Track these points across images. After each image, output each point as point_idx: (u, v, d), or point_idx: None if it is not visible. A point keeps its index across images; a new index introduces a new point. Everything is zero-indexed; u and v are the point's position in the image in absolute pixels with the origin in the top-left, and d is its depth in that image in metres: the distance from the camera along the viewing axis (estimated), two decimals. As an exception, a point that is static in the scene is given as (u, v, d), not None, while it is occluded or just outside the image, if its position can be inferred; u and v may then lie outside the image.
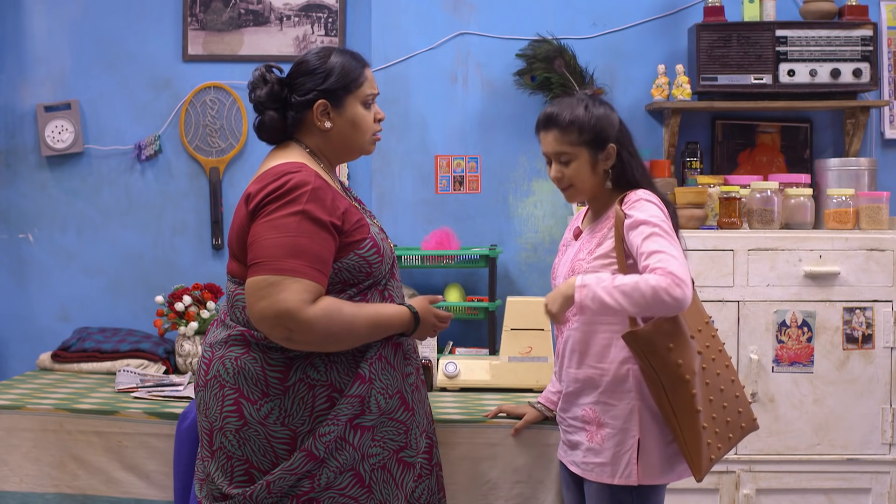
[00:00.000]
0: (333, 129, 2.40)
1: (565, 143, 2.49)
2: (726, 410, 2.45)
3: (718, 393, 2.44)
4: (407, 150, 4.01)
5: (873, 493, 3.49)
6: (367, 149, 2.47)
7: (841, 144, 3.98)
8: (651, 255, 2.30)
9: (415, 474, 2.42)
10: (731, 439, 2.47)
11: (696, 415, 2.37)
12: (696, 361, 2.39)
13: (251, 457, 2.28)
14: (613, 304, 2.28)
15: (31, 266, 4.13)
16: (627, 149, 2.52)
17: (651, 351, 2.35)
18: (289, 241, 2.20)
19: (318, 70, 2.37)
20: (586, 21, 3.99)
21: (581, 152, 2.49)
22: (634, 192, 2.46)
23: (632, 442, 2.44)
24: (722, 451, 2.44)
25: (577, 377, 2.52)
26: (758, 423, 2.55)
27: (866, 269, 3.47)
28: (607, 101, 2.57)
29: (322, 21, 4.07)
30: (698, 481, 2.40)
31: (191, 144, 4.07)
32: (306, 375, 2.28)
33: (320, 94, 2.36)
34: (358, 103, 2.40)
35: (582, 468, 2.52)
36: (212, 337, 2.40)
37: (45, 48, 4.11)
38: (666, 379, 2.36)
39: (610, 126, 2.50)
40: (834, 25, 3.77)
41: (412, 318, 2.39)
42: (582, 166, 2.50)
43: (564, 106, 2.51)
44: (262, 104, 2.39)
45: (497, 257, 3.76)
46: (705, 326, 2.50)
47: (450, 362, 3.36)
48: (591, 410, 2.49)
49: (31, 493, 2.98)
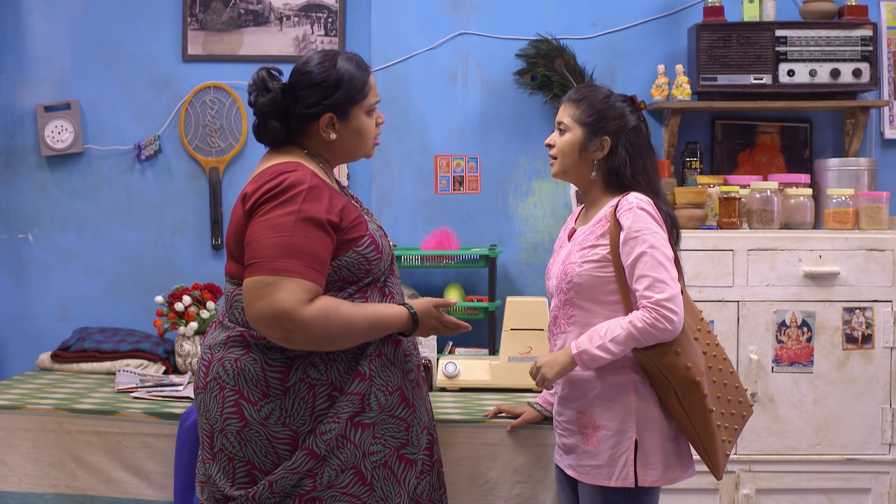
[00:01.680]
0: (338, 140, 2.39)
1: (568, 115, 2.57)
2: (730, 404, 2.48)
3: (723, 388, 2.48)
4: (407, 150, 4.01)
5: (873, 493, 3.49)
6: (369, 154, 2.48)
7: (840, 144, 3.98)
8: (639, 280, 2.38)
9: (417, 471, 2.42)
10: (737, 430, 2.51)
11: (709, 415, 2.40)
12: (702, 362, 2.42)
13: (253, 458, 2.28)
14: (611, 357, 2.41)
15: (31, 266, 4.12)
16: (628, 149, 2.52)
17: (660, 360, 2.38)
18: (285, 241, 2.19)
19: (324, 83, 2.33)
20: (586, 21, 3.99)
21: (577, 129, 2.54)
22: (627, 199, 2.46)
23: (628, 444, 2.44)
24: (732, 444, 2.50)
25: (570, 380, 2.53)
26: (753, 409, 2.59)
27: (866, 269, 3.47)
28: (643, 113, 2.61)
29: (322, 21, 4.07)
30: (718, 479, 2.52)
31: (190, 144, 4.07)
32: (307, 375, 2.27)
33: (326, 107, 2.34)
34: (363, 113, 2.39)
35: (578, 471, 2.52)
36: (211, 339, 2.39)
37: (44, 48, 4.11)
38: (678, 384, 2.39)
39: (615, 119, 2.53)
40: (834, 25, 3.76)
41: (410, 319, 2.38)
42: (572, 143, 2.55)
43: (591, 88, 2.60)
44: (265, 113, 2.35)
45: (497, 257, 3.76)
46: (701, 324, 2.52)
47: (449, 362, 3.36)
48: (587, 413, 2.50)
49: (30, 494, 2.98)
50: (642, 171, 2.53)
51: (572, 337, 2.50)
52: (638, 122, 2.56)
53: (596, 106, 2.54)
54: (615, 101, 2.56)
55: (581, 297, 2.48)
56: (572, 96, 2.59)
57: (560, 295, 2.54)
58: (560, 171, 2.60)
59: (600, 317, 2.46)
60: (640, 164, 2.53)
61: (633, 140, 2.53)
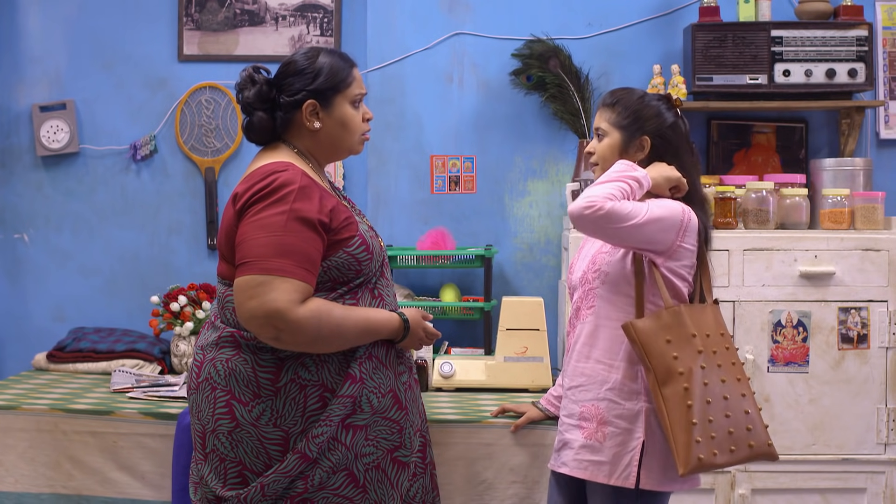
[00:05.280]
0: (322, 130, 2.40)
1: (604, 120, 2.55)
2: (729, 420, 2.36)
3: (720, 400, 2.37)
4: (402, 151, 4.01)
5: (868, 493, 3.49)
6: (355, 149, 2.47)
7: (836, 144, 3.98)
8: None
9: (409, 473, 2.42)
10: (734, 452, 2.36)
11: (686, 409, 2.32)
12: (695, 360, 2.36)
13: (244, 458, 2.28)
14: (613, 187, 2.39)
15: (27, 266, 4.12)
16: (668, 150, 2.51)
17: (648, 341, 2.35)
18: (276, 241, 2.19)
19: (306, 70, 2.37)
20: (582, 21, 3.99)
21: (615, 133, 2.53)
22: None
23: (635, 444, 2.42)
24: (719, 458, 2.34)
25: (583, 371, 2.50)
26: (775, 452, 2.43)
27: (862, 269, 3.47)
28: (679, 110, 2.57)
29: (317, 21, 4.06)
30: (681, 475, 2.32)
31: (186, 144, 4.07)
32: (297, 376, 2.27)
33: (309, 94, 2.37)
34: (346, 103, 2.41)
35: (572, 466, 2.48)
36: (202, 339, 2.40)
37: (40, 48, 4.10)
38: (659, 369, 2.35)
39: (652, 118, 2.51)
40: (829, 26, 3.77)
41: (402, 325, 2.38)
42: (612, 147, 2.53)
43: (625, 91, 2.58)
44: (251, 105, 2.39)
45: (492, 257, 3.76)
46: (719, 337, 2.44)
47: (445, 362, 3.37)
48: (594, 407, 2.47)
49: (26, 494, 2.98)
50: (682, 171, 2.50)
51: (589, 327, 2.49)
52: (675, 119, 2.54)
53: (631, 107, 2.52)
54: (650, 100, 2.54)
55: (605, 288, 2.47)
56: (606, 100, 2.57)
57: (584, 286, 2.53)
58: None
59: (618, 309, 2.45)
60: (679, 163, 2.51)
61: (672, 138, 2.52)
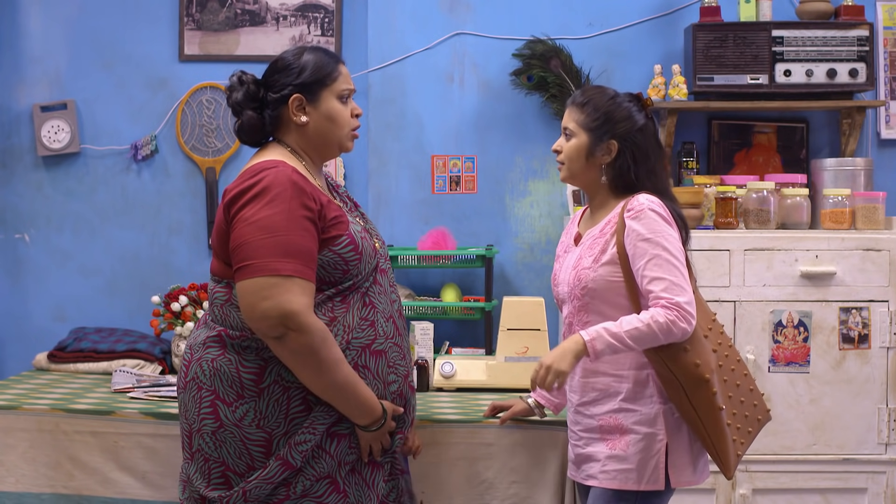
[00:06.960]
0: (310, 124, 2.40)
1: (573, 120, 2.52)
2: (744, 405, 2.45)
3: (735, 388, 2.45)
4: (403, 151, 4.00)
5: (869, 493, 3.49)
6: (345, 145, 2.47)
7: (837, 144, 3.98)
8: (654, 282, 2.34)
9: (384, 474, 2.42)
10: (751, 433, 2.48)
11: (719, 413, 2.37)
12: (712, 360, 2.39)
13: (227, 459, 2.29)
14: (624, 349, 2.35)
15: (28, 266, 4.12)
16: (636, 154, 2.48)
17: (668, 355, 2.36)
18: (280, 241, 2.19)
19: (292, 66, 2.39)
20: (582, 21, 3.99)
21: (582, 135, 2.50)
22: (638, 199, 2.43)
23: (659, 446, 2.42)
24: (745, 445, 2.46)
25: (594, 386, 2.49)
26: (771, 414, 2.56)
27: (862, 269, 3.47)
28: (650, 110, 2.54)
29: (318, 21, 4.06)
30: (728, 479, 2.48)
31: (187, 144, 4.07)
32: (281, 377, 2.27)
33: (295, 88, 2.38)
34: (333, 97, 2.41)
35: (601, 478, 2.46)
36: (192, 338, 2.41)
37: (41, 48, 4.10)
38: (685, 381, 2.35)
39: (622, 121, 2.47)
40: (830, 26, 3.76)
41: (381, 416, 2.33)
42: (579, 148, 2.50)
43: (596, 90, 2.54)
44: (240, 105, 2.41)
45: (493, 257, 3.76)
46: (713, 324, 2.50)
47: (446, 362, 3.36)
48: (612, 419, 2.46)
49: (26, 494, 2.97)
50: (650, 173, 2.49)
51: None
52: (646, 122, 2.51)
53: (601, 109, 2.48)
54: (621, 101, 2.50)
55: (597, 302, 2.45)
56: (577, 99, 2.53)
57: (574, 301, 2.50)
58: (568, 176, 2.56)
59: (614, 319, 2.43)
60: (648, 166, 2.49)
61: (641, 142, 2.48)
